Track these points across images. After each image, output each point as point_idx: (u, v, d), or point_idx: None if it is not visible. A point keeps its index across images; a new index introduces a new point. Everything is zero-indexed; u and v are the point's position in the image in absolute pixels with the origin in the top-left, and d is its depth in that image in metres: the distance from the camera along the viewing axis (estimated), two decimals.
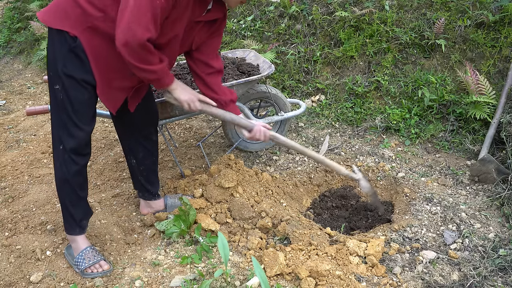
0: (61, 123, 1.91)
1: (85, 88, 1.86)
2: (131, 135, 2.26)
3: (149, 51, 1.71)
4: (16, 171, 3.01)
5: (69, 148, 1.93)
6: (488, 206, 2.52)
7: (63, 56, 1.80)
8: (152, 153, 2.37)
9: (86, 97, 1.88)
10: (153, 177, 2.42)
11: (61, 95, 1.86)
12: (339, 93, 3.67)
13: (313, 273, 1.96)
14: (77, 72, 1.82)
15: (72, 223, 2.10)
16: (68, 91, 1.84)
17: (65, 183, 2.01)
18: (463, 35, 3.44)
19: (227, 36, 4.34)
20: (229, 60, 2.93)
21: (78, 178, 2.02)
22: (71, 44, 1.77)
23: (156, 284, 2.01)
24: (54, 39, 1.81)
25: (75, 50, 1.78)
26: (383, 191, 2.83)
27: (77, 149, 1.95)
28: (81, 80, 1.83)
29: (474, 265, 2.09)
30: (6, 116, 3.96)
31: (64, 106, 1.87)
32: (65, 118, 1.89)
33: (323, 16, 3.95)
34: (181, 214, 2.30)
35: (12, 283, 2.04)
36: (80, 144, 1.95)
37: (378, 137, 3.28)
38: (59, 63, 1.81)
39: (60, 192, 2.06)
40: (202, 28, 1.99)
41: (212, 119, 3.71)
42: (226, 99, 2.16)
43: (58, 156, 1.97)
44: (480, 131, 3.04)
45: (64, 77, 1.82)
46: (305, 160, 3.07)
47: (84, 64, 1.81)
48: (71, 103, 1.86)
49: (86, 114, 1.92)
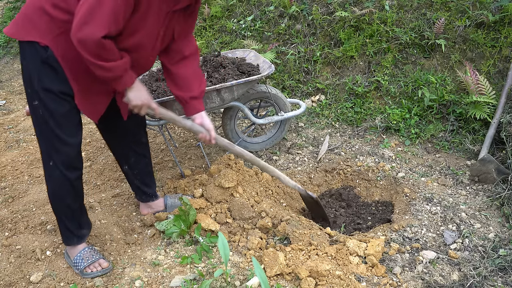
0: (46, 139, 1.85)
1: (64, 99, 1.79)
2: (120, 142, 2.21)
3: (105, 48, 1.59)
4: (16, 171, 3.01)
5: (59, 163, 1.88)
6: (488, 206, 2.52)
7: (37, 70, 1.73)
8: (144, 155, 2.32)
9: (67, 108, 1.82)
10: (148, 178, 2.40)
11: (41, 111, 1.79)
12: (339, 93, 3.67)
13: (313, 273, 1.96)
14: (54, 84, 1.75)
15: (69, 235, 2.09)
16: (48, 106, 1.78)
17: (57, 198, 1.98)
18: (463, 35, 3.44)
19: (227, 36, 4.35)
20: (229, 60, 2.93)
21: (71, 192, 1.98)
22: (43, 55, 1.70)
23: (156, 284, 2.01)
24: (25, 52, 1.74)
25: (48, 60, 1.71)
26: (383, 191, 2.83)
27: (66, 163, 1.90)
28: (59, 92, 1.77)
29: (474, 265, 2.09)
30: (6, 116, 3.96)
31: (46, 121, 1.81)
32: (49, 134, 1.83)
33: (323, 16, 3.95)
34: (181, 214, 2.30)
35: (12, 283, 2.04)
36: (69, 157, 1.90)
37: (378, 137, 3.28)
38: (34, 78, 1.74)
39: (53, 206, 2.03)
40: (179, 17, 1.88)
41: (212, 119, 3.71)
42: (185, 96, 2.05)
43: (48, 172, 1.93)
44: (480, 131, 3.04)
45: (42, 91, 1.75)
46: (305, 160, 3.07)
47: (59, 75, 1.74)
48: (52, 118, 1.80)
49: (70, 126, 1.86)
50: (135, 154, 2.28)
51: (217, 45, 4.31)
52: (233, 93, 2.67)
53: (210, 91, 2.57)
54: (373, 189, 2.87)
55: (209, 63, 2.93)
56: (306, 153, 3.15)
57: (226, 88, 2.61)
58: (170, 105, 2.52)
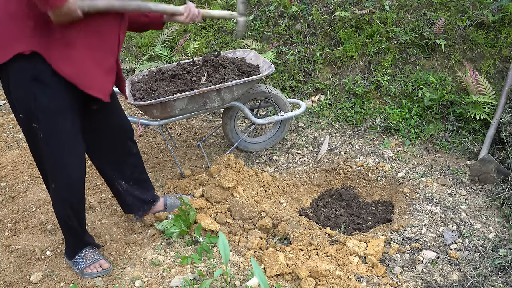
0: (48, 161, 1.79)
1: (67, 114, 1.73)
2: (111, 157, 2.14)
3: None
4: (16, 171, 3.01)
5: (63, 184, 1.85)
6: (488, 206, 2.52)
7: (29, 90, 1.63)
8: (137, 164, 2.26)
9: (70, 123, 1.75)
10: (145, 184, 2.35)
11: (41, 133, 1.71)
12: (339, 93, 3.67)
13: (313, 273, 1.96)
14: (53, 101, 1.67)
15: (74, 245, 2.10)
16: (50, 125, 1.70)
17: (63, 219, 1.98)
18: (463, 35, 3.44)
19: (227, 36, 4.34)
20: (229, 60, 2.93)
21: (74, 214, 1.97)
22: (32, 72, 1.60)
23: (156, 284, 2.01)
24: (10, 75, 1.62)
25: (40, 76, 1.62)
26: (383, 191, 2.83)
27: (71, 182, 1.86)
28: (60, 107, 1.69)
29: (474, 265, 2.09)
30: (6, 116, 3.96)
31: (48, 144, 1.73)
32: (52, 155, 1.77)
33: (323, 16, 3.95)
34: (181, 214, 2.30)
35: (12, 283, 2.04)
36: (74, 177, 1.85)
37: (378, 137, 3.28)
38: (29, 100, 1.64)
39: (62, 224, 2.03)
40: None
41: (212, 119, 3.71)
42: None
43: (55, 195, 1.90)
44: (480, 131, 3.04)
45: (40, 112, 1.67)
46: (305, 160, 3.07)
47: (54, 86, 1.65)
48: (56, 137, 1.73)
49: (75, 140, 1.81)
50: (128, 166, 2.22)
51: (217, 45, 4.31)
52: (233, 93, 2.67)
53: (210, 91, 2.57)
54: (373, 189, 2.87)
55: (209, 63, 2.93)
56: (306, 153, 3.15)
57: (226, 88, 2.61)
58: (170, 105, 2.52)
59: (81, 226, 2.06)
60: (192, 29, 4.57)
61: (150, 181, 2.40)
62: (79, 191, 1.94)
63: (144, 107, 2.49)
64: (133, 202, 2.32)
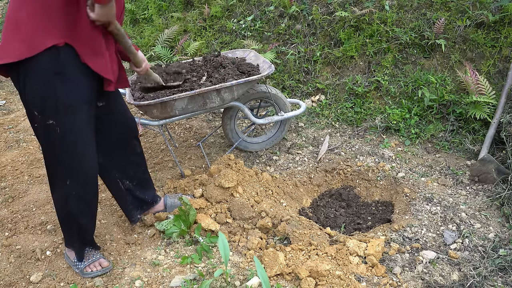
0: (64, 157, 1.80)
1: (84, 107, 1.76)
2: (115, 155, 2.14)
3: None
4: (16, 171, 3.01)
5: (78, 179, 1.85)
6: (488, 206, 2.52)
7: (50, 85, 1.65)
8: (140, 164, 2.27)
9: (87, 116, 1.79)
10: (147, 184, 2.36)
11: (58, 128, 1.73)
12: (339, 93, 3.67)
13: (313, 273, 1.96)
14: (73, 96, 1.70)
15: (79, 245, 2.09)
16: (68, 119, 1.72)
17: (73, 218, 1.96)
18: (463, 35, 3.44)
19: (227, 36, 4.34)
20: (229, 60, 2.93)
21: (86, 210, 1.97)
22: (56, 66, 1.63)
23: (156, 284, 2.01)
24: (33, 70, 1.63)
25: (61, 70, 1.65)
26: (383, 191, 2.83)
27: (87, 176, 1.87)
28: (79, 102, 1.73)
29: (474, 265, 2.09)
30: (6, 116, 3.96)
31: (65, 139, 1.76)
32: (68, 150, 1.78)
33: (323, 16, 3.95)
34: (181, 214, 2.30)
35: (12, 283, 2.04)
36: (91, 170, 1.88)
37: (378, 137, 3.28)
38: (48, 95, 1.67)
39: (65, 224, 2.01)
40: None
41: (212, 119, 3.71)
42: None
43: (66, 193, 1.88)
44: (480, 131, 3.04)
45: (59, 106, 1.69)
46: (305, 160, 3.07)
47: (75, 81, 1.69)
48: (73, 132, 1.76)
49: (90, 134, 1.84)
50: (132, 165, 2.22)
51: (217, 45, 4.31)
52: (233, 93, 2.67)
53: (210, 91, 2.57)
54: (373, 189, 2.87)
55: (209, 63, 2.93)
56: (306, 153, 3.15)
57: (226, 88, 2.61)
58: (170, 105, 2.52)
59: (92, 223, 2.06)
60: (192, 29, 4.58)
61: (151, 181, 2.40)
62: (94, 186, 1.96)
63: (144, 107, 2.49)
64: (132, 201, 2.31)
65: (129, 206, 2.32)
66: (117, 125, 2.08)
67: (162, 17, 5.05)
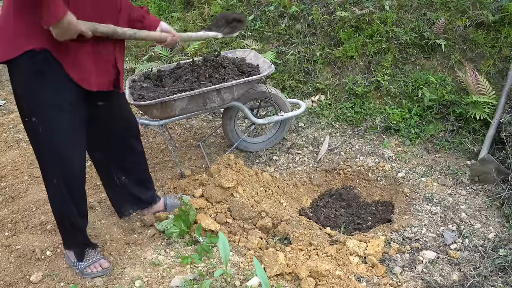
0: (48, 157, 1.81)
1: (65, 111, 1.75)
2: (112, 153, 2.15)
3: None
4: (16, 171, 3.01)
5: (63, 178, 1.85)
6: (488, 206, 2.52)
7: (32, 84, 1.68)
8: (141, 162, 2.28)
9: (70, 119, 1.78)
10: (146, 183, 2.36)
11: (41, 128, 1.74)
12: (339, 93, 3.67)
13: (313, 273, 1.96)
14: (54, 97, 1.71)
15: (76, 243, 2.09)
16: (49, 120, 1.73)
17: (65, 214, 1.97)
18: (463, 35, 3.44)
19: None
20: (229, 60, 2.93)
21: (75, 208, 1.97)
22: (36, 68, 1.65)
23: (156, 284, 2.01)
24: (15, 70, 1.68)
25: (42, 72, 1.66)
26: (383, 191, 2.83)
27: (71, 178, 1.87)
28: (61, 103, 1.73)
29: (474, 265, 2.09)
30: (6, 116, 3.96)
31: (48, 139, 1.76)
32: (52, 151, 1.79)
33: (323, 16, 3.95)
34: (181, 214, 2.30)
35: (12, 283, 2.04)
36: (74, 172, 1.87)
37: (378, 137, 3.28)
38: (30, 94, 1.69)
39: (59, 221, 2.02)
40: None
41: (212, 119, 3.71)
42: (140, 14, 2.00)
43: (55, 192, 1.90)
44: (480, 131, 3.04)
45: (40, 106, 1.71)
46: (305, 160, 3.07)
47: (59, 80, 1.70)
48: (56, 132, 1.76)
49: (74, 136, 1.83)
50: (130, 163, 2.23)
51: (217, 45, 4.31)
52: (233, 93, 2.67)
53: (210, 91, 2.57)
54: (373, 189, 2.87)
55: (209, 63, 2.93)
56: (306, 153, 3.15)
57: (226, 88, 2.61)
58: (170, 105, 2.52)
59: (83, 222, 2.06)
60: (192, 29, 4.57)
61: (152, 182, 2.40)
62: (80, 187, 1.96)
63: (144, 107, 2.49)
64: (127, 198, 2.32)
65: (123, 201, 2.33)
66: (117, 124, 2.08)
67: (162, 17, 5.05)
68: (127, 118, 2.13)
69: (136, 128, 2.18)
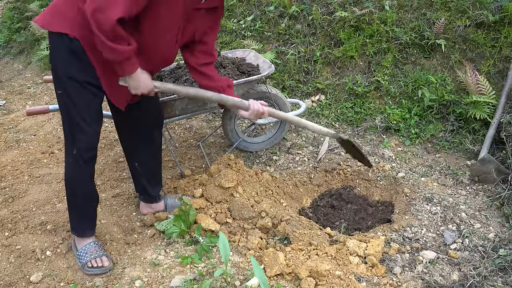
0: (70, 126, 1.92)
1: (88, 90, 1.87)
2: (133, 136, 2.25)
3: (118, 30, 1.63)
4: (16, 171, 3.01)
5: (80, 150, 1.95)
6: (488, 206, 2.52)
7: (64, 60, 1.81)
8: (155, 156, 2.36)
9: (90, 98, 1.89)
10: (155, 179, 2.41)
11: (64, 99, 1.87)
12: (339, 93, 3.67)
13: (313, 273, 1.96)
14: (80, 75, 1.82)
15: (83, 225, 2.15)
16: (71, 95, 1.85)
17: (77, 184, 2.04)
18: (463, 35, 3.44)
19: (227, 36, 4.35)
20: (229, 60, 2.93)
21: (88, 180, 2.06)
22: (71, 46, 1.77)
23: (156, 284, 2.01)
24: (54, 42, 1.81)
25: (77, 52, 1.78)
26: (383, 191, 2.83)
27: (86, 151, 1.96)
28: (84, 82, 1.84)
29: (474, 265, 2.09)
30: (6, 116, 3.96)
31: (69, 110, 1.89)
32: (72, 122, 1.90)
33: (323, 16, 3.95)
34: (181, 214, 2.30)
35: (12, 283, 2.04)
36: (89, 146, 1.96)
37: (378, 137, 3.28)
38: (61, 67, 1.82)
39: (70, 193, 2.07)
40: (203, 16, 1.94)
41: (212, 119, 3.71)
42: (223, 85, 2.11)
43: (69, 158, 1.99)
44: (480, 131, 3.04)
45: (67, 80, 1.83)
46: (305, 160, 3.07)
47: (86, 66, 1.82)
48: (75, 107, 1.87)
49: (92, 115, 1.93)
50: (146, 152, 2.30)
51: (217, 45, 4.31)
52: None
53: None
54: (373, 189, 2.87)
55: None
56: (306, 153, 3.15)
57: None
58: (170, 105, 2.52)
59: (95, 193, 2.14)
60: None
61: (160, 178, 2.46)
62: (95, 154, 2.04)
63: None
64: (137, 182, 2.41)
65: (138, 186, 2.43)
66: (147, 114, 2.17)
67: None
68: (152, 108, 2.21)
69: (158, 121, 2.28)
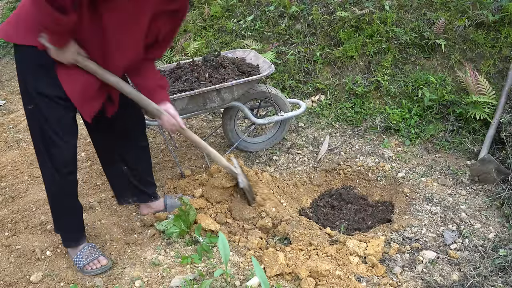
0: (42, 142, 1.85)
1: (60, 105, 1.79)
2: (119, 143, 2.18)
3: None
4: (16, 171, 3.01)
5: (56, 165, 1.88)
6: (488, 206, 2.52)
7: (33, 75, 1.73)
8: (144, 157, 2.31)
9: (62, 114, 1.82)
10: (148, 178, 2.38)
11: (36, 115, 1.79)
12: (339, 93, 3.67)
13: (313, 273, 1.96)
14: (50, 90, 1.74)
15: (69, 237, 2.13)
16: (43, 111, 1.77)
17: (56, 199, 2.01)
18: (463, 35, 3.44)
19: (227, 36, 4.34)
20: (229, 60, 2.93)
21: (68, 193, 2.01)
22: (40, 60, 1.69)
23: (156, 284, 2.01)
24: (21, 56, 1.73)
25: (45, 65, 1.70)
26: (383, 191, 2.83)
27: (62, 165, 1.90)
28: (55, 97, 1.76)
29: (474, 265, 2.09)
30: (6, 116, 3.96)
31: (41, 126, 1.81)
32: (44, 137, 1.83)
33: (323, 16, 3.95)
34: (181, 214, 2.30)
35: (12, 283, 2.04)
36: (65, 160, 1.90)
37: (378, 137, 3.28)
38: (30, 83, 1.74)
39: (53, 208, 2.05)
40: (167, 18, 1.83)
41: (212, 119, 3.71)
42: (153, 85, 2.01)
43: (46, 174, 1.94)
44: (480, 131, 3.04)
45: (37, 96, 1.74)
46: (305, 160, 3.07)
47: (56, 81, 1.74)
48: (47, 122, 1.79)
49: (65, 129, 1.85)
50: (134, 155, 2.26)
51: (217, 45, 4.31)
52: (233, 93, 2.67)
53: (210, 91, 2.57)
54: (373, 189, 2.87)
55: (209, 63, 2.93)
56: (306, 153, 3.15)
57: (226, 88, 2.61)
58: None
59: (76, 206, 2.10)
60: (192, 29, 4.57)
61: (153, 180, 2.42)
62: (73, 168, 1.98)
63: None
64: (129, 186, 2.34)
65: (124, 189, 2.36)
66: (124, 118, 2.11)
67: None
68: (133, 113, 2.16)
69: (142, 123, 2.23)
